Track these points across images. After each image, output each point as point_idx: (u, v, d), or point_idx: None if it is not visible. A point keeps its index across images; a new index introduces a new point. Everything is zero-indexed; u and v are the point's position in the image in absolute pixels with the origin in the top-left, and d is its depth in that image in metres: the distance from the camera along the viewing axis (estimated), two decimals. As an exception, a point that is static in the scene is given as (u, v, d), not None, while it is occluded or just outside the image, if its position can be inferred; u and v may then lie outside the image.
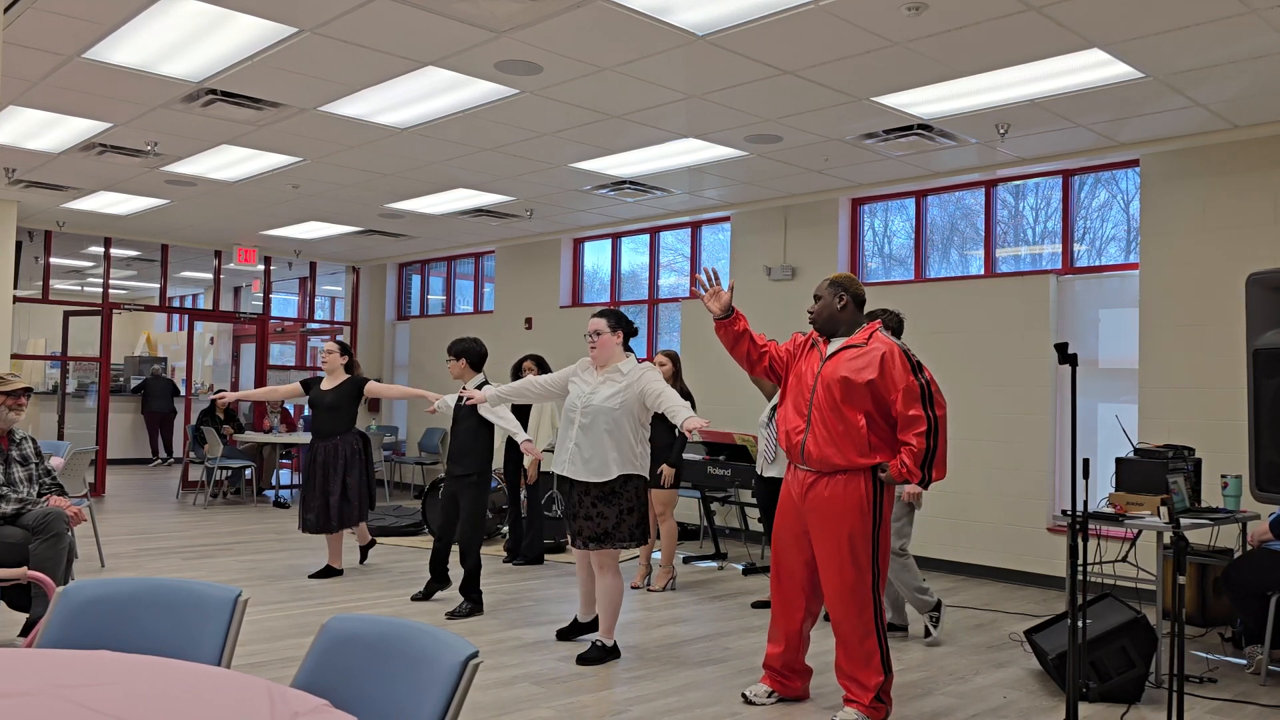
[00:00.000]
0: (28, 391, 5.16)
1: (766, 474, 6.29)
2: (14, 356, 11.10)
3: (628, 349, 5.10)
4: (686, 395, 6.56)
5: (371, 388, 6.92)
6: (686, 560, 8.03)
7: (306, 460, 6.92)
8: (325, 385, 6.95)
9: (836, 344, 4.19)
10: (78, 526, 5.15)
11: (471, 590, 5.95)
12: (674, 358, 6.81)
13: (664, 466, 6.61)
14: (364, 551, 7.42)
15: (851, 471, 4.04)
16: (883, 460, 4.03)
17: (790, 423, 4.19)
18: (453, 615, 5.86)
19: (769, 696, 4.35)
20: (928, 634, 5.51)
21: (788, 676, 4.33)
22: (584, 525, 4.86)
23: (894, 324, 5.32)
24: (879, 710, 4.04)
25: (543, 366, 7.62)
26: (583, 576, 5.26)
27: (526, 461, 7.57)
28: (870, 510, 4.04)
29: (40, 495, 5.13)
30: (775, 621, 4.32)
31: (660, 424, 6.56)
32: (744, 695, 4.40)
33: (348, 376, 6.96)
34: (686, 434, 6.16)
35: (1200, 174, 6.65)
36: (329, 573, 6.94)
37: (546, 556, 7.95)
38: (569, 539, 4.98)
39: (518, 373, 7.64)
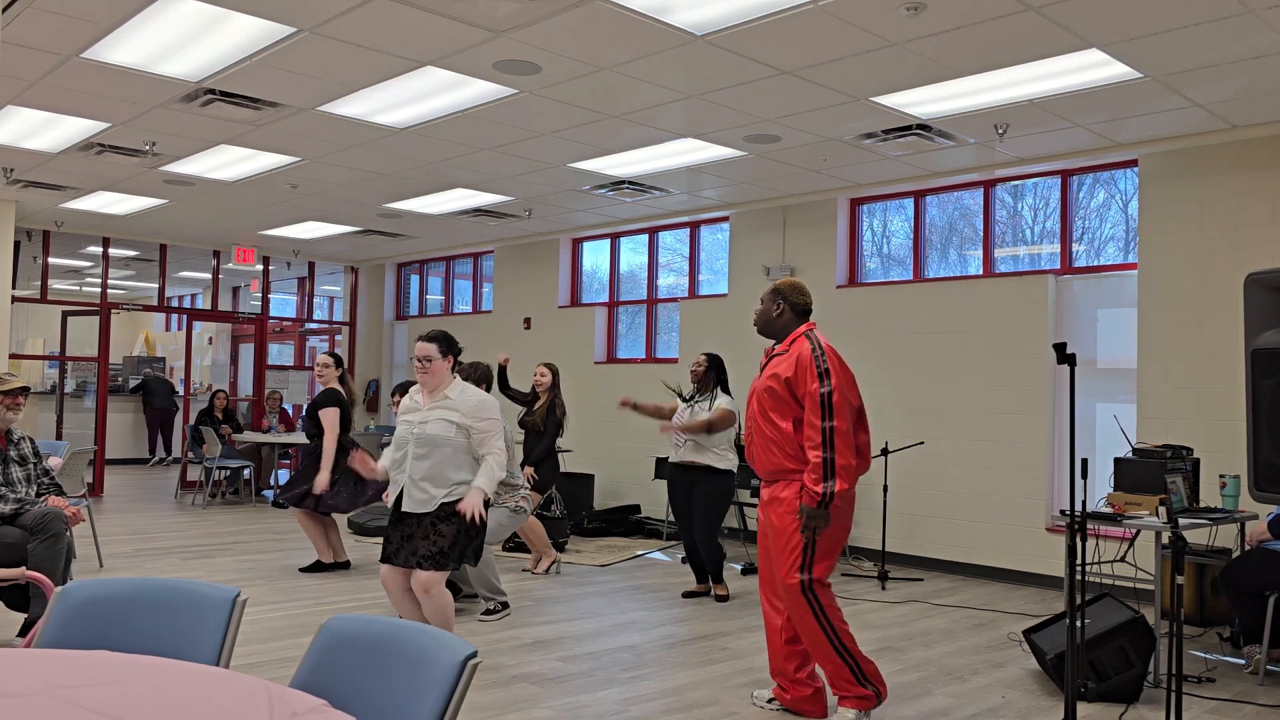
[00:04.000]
0: (25, 391, 5.15)
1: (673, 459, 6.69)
2: (12, 356, 11.10)
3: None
4: (556, 409, 7.19)
5: (323, 414, 6.94)
6: (685, 560, 8.03)
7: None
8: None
9: (773, 353, 4.29)
10: (76, 526, 5.15)
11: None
12: (554, 370, 7.32)
13: (525, 468, 7.02)
14: (328, 567, 7.17)
15: (794, 477, 4.08)
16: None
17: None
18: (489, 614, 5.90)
19: (768, 703, 4.34)
20: (487, 612, 5.86)
21: (786, 688, 4.28)
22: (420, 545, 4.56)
23: (481, 375, 6.28)
24: (868, 699, 4.06)
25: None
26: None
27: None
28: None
29: (38, 495, 5.13)
30: (765, 629, 4.35)
31: (535, 436, 7.17)
32: (753, 694, 4.42)
33: (327, 388, 7.11)
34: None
35: (1198, 174, 6.65)
36: (319, 567, 7.09)
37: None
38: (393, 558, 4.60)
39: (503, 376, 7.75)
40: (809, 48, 5.12)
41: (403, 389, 6.55)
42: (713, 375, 6.60)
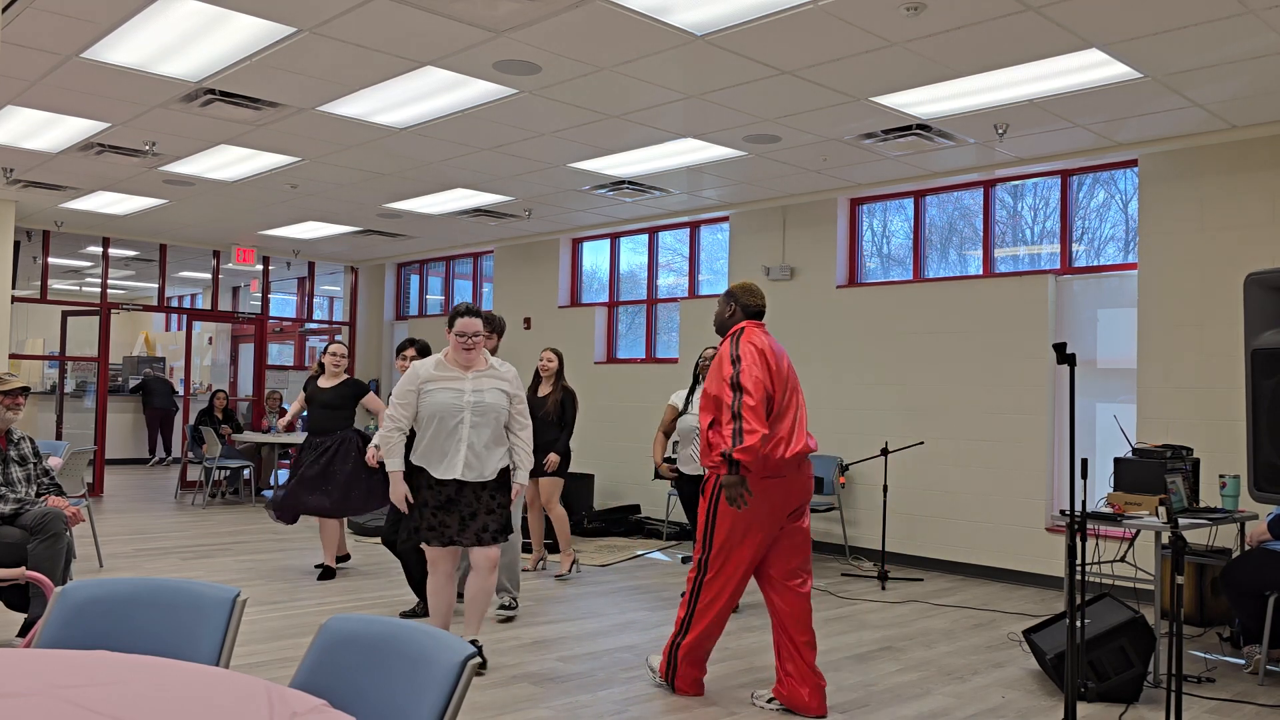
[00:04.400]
0: (25, 391, 5.15)
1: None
2: (12, 356, 11.09)
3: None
4: (575, 399, 7.05)
5: (371, 401, 6.96)
6: (686, 560, 8.03)
7: (303, 453, 6.88)
8: (324, 383, 6.96)
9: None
10: (76, 527, 5.14)
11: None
12: (560, 356, 7.17)
13: (551, 455, 6.96)
14: (337, 561, 7.14)
15: (710, 469, 4.35)
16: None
17: None
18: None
19: (768, 702, 4.33)
20: (503, 607, 5.85)
21: (780, 679, 4.30)
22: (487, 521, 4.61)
23: (499, 327, 5.95)
24: (662, 671, 4.47)
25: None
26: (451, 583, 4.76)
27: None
28: (707, 503, 4.32)
29: (38, 495, 5.13)
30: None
31: (540, 423, 6.99)
32: (753, 695, 4.44)
33: (346, 377, 7.03)
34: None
35: (1198, 174, 6.65)
36: (330, 573, 6.88)
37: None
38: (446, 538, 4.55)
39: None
40: (809, 48, 5.12)
41: (418, 347, 6.09)
42: None
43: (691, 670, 4.43)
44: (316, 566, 7.04)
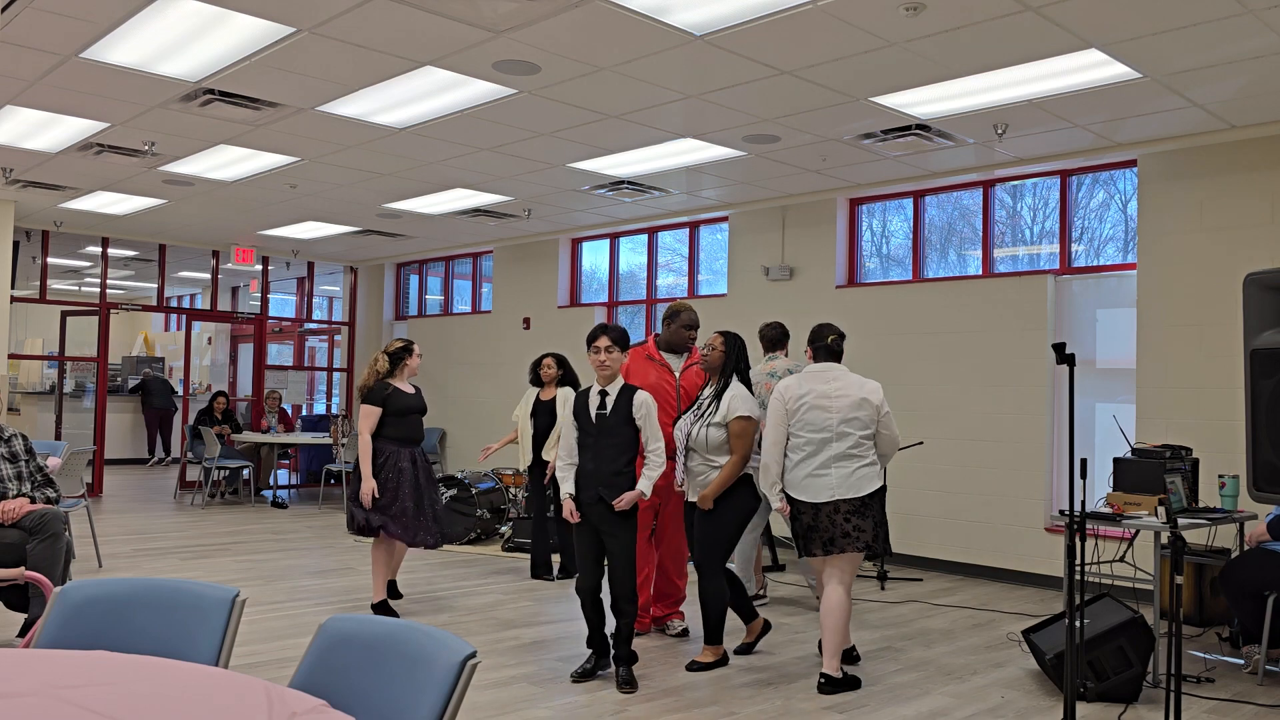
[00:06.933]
0: None
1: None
2: (11, 356, 11.10)
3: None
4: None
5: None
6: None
7: (403, 469, 5.84)
8: (408, 388, 6.03)
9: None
10: (75, 527, 5.12)
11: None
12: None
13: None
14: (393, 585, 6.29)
15: None
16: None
17: None
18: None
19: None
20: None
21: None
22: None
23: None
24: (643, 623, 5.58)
25: (563, 364, 7.22)
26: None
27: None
28: None
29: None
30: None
31: None
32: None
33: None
34: None
35: (1198, 174, 6.66)
36: (387, 607, 5.91)
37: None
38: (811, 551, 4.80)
39: (535, 370, 7.25)
40: (809, 48, 5.12)
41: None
42: (730, 362, 5.00)
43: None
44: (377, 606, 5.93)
